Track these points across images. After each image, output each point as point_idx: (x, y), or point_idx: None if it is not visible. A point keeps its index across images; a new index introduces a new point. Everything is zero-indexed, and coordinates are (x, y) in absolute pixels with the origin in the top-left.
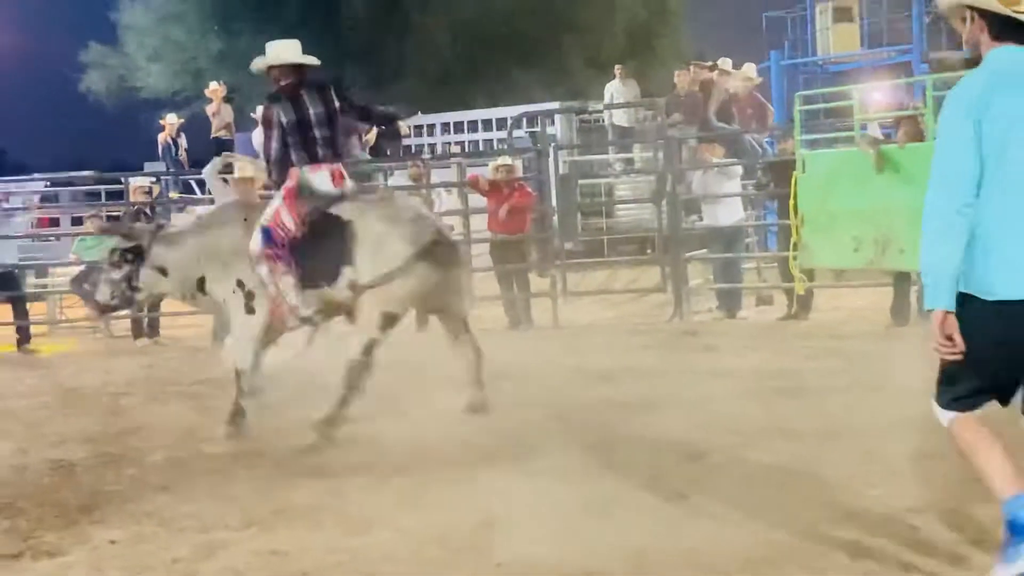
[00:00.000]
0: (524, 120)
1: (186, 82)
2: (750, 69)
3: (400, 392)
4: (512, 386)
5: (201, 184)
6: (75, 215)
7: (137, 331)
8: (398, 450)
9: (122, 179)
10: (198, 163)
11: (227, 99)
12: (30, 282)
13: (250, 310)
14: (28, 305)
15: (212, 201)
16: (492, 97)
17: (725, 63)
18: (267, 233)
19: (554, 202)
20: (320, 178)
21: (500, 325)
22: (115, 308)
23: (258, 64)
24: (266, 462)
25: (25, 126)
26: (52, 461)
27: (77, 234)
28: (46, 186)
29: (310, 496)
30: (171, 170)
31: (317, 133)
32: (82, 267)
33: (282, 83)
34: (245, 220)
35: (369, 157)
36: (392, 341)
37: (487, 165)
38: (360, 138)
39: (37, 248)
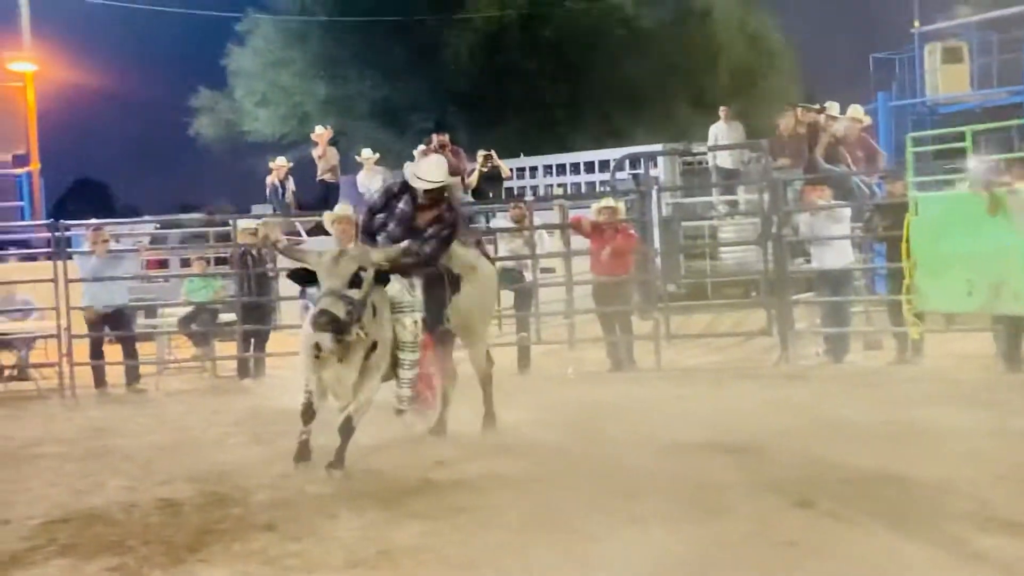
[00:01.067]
0: (627, 162)
1: (292, 126)
2: (858, 111)
3: (504, 435)
4: (614, 429)
5: (309, 228)
6: (183, 256)
7: (243, 371)
8: (501, 493)
9: (229, 221)
10: (304, 206)
11: (332, 143)
12: (140, 322)
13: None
14: (137, 345)
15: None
16: (595, 139)
17: (832, 107)
18: None
19: (657, 244)
20: None
21: (602, 367)
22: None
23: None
24: (370, 503)
25: (135, 169)
26: (160, 500)
27: (186, 275)
28: (155, 228)
29: (413, 537)
30: (278, 212)
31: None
32: (190, 308)
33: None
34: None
35: (471, 199)
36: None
37: (590, 207)
38: (463, 180)
39: (146, 289)
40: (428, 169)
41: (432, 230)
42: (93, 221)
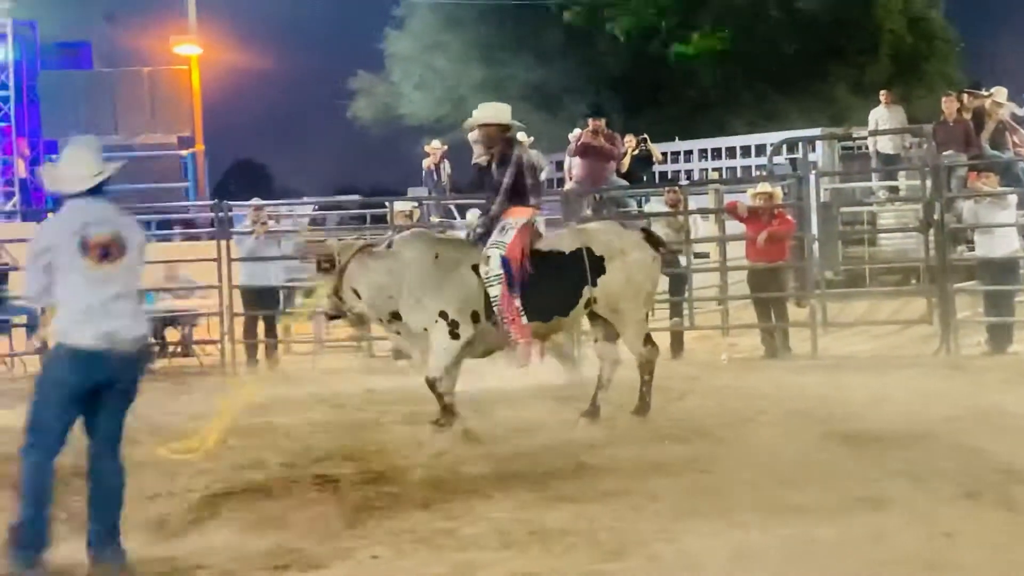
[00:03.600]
0: (784, 146)
1: (448, 109)
2: (1002, 94)
3: (658, 420)
4: (768, 417)
5: (461, 209)
6: (341, 238)
7: (398, 351)
8: (654, 478)
9: (386, 203)
10: (460, 188)
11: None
12: (298, 302)
13: (455, 336)
14: (295, 325)
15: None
16: (751, 123)
17: (1000, 93)
18: (505, 261)
19: (814, 230)
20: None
21: (756, 354)
22: (332, 317)
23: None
24: (522, 484)
25: (294, 152)
26: (317, 477)
27: None
28: (314, 209)
29: (565, 520)
30: (433, 195)
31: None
32: None
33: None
34: (436, 257)
35: (624, 183)
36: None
37: (745, 192)
38: (616, 164)
39: (305, 269)
40: (482, 109)
41: (497, 180)
42: (256, 202)
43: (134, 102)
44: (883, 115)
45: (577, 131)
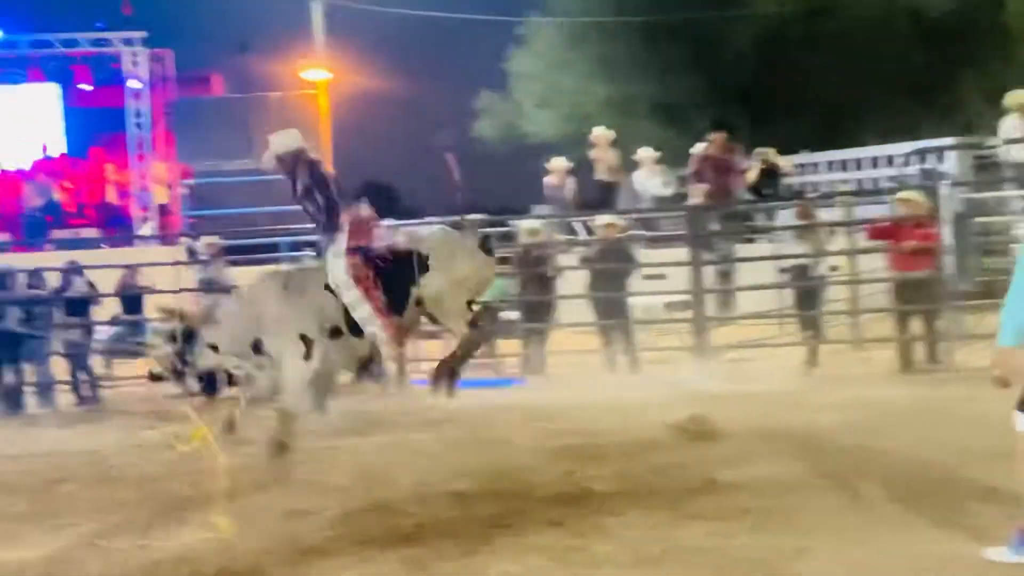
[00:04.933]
0: (916, 157)
1: (573, 127)
2: None
3: (792, 435)
4: (903, 432)
5: (586, 226)
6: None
7: (525, 369)
8: (788, 495)
9: (510, 222)
10: (585, 206)
11: (611, 143)
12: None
13: (308, 357)
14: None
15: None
16: (879, 134)
17: None
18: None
19: (949, 241)
20: None
21: (890, 368)
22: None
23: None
24: (654, 501)
25: (419, 171)
26: (450, 493)
27: None
28: None
29: (698, 538)
30: (558, 213)
31: None
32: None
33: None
34: (285, 287)
35: (751, 196)
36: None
37: (881, 203)
38: (740, 178)
39: None
40: (272, 143)
41: (316, 206)
42: (384, 223)
43: (265, 127)
44: (1017, 124)
45: (700, 146)
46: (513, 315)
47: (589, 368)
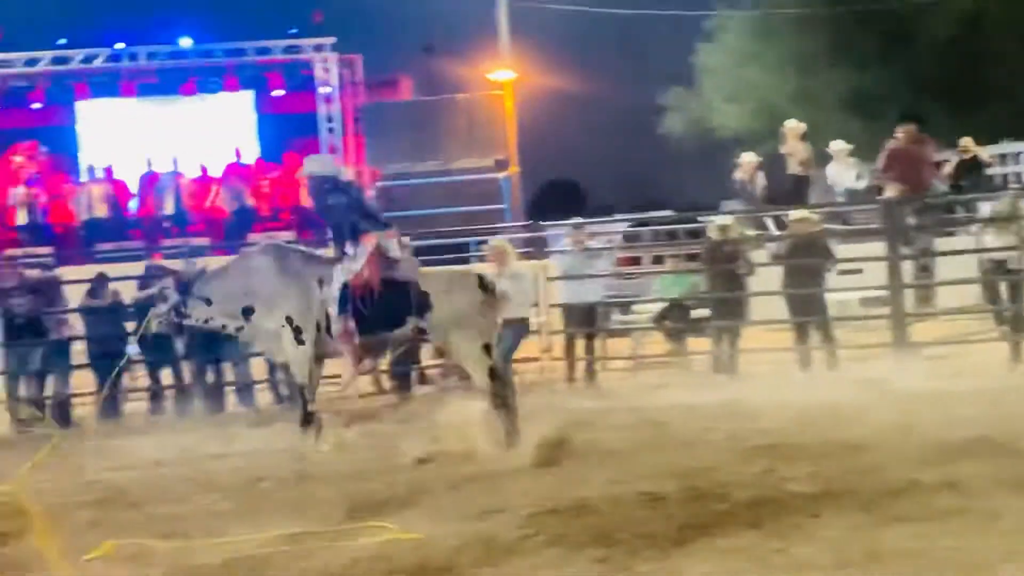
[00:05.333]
0: None
1: (762, 121)
2: None
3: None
4: None
5: (777, 221)
6: (656, 254)
7: (717, 367)
8: (996, 495)
9: (699, 218)
10: (775, 201)
11: (803, 136)
12: (615, 319)
13: (300, 342)
14: (610, 341)
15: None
16: None
17: None
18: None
19: None
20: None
21: None
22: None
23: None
24: (852, 503)
25: (608, 168)
26: (643, 493)
27: (659, 272)
28: (628, 226)
29: (902, 540)
30: (748, 208)
31: None
32: (664, 304)
33: None
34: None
35: (948, 190)
36: None
37: None
38: (933, 170)
39: (620, 286)
40: (306, 163)
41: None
42: (570, 221)
43: (452, 128)
44: None
45: (895, 137)
46: (703, 313)
47: (783, 366)
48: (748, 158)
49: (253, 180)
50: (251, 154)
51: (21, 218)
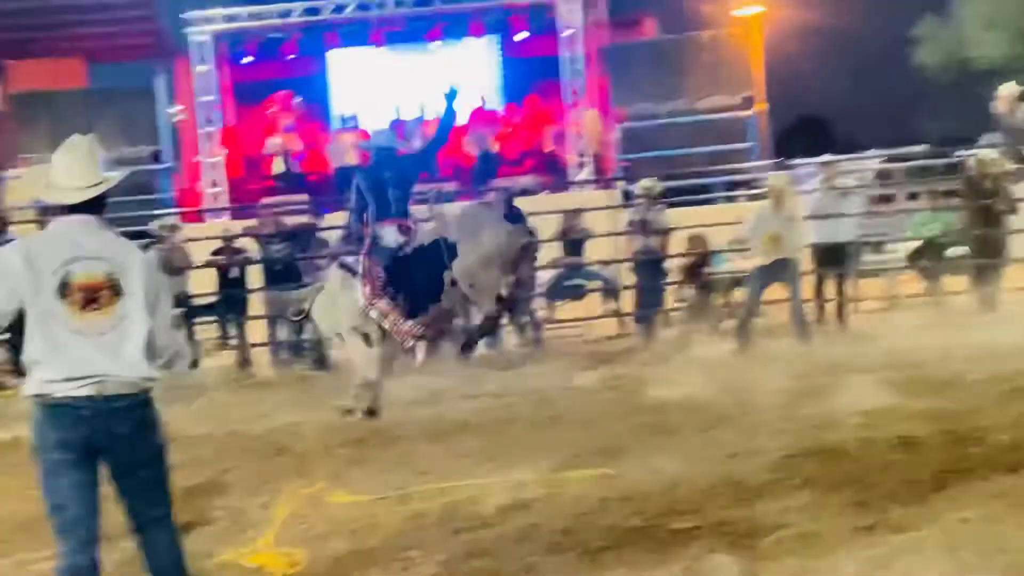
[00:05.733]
0: None
1: (1022, 49)
2: None
3: None
4: None
5: None
6: (910, 191)
7: (977, 305)
8: None
9: (955, 153)
10: None
11: None
12: (868, 259)
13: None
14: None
15: None
16: None
17: None
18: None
19: None
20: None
21: None
22: None
23: None
24: None
25: (856, 104)
26: (898, 437)
27: (912, 210)
28: (881, 163)
29: None
30: (1008, 142)
31: None
32: (919, 243)
33: None
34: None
35: None
36: None
37: None
38: None
39: (873, 225)
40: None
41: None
42: (820, 159)
43: (697, 67)
44: None
45: None
46: (961, 251)
47: None
48: (1008, 89)
49: (498, 125)
50: (495, 99)
51: (278, 167)
